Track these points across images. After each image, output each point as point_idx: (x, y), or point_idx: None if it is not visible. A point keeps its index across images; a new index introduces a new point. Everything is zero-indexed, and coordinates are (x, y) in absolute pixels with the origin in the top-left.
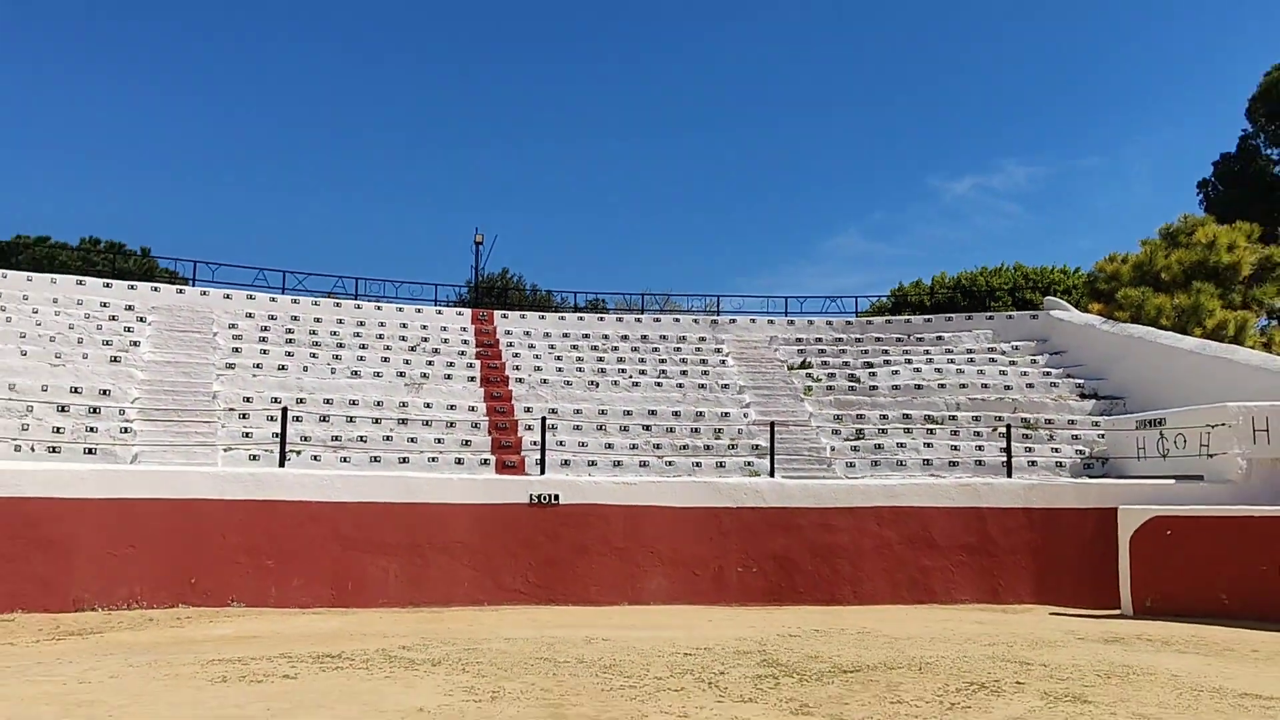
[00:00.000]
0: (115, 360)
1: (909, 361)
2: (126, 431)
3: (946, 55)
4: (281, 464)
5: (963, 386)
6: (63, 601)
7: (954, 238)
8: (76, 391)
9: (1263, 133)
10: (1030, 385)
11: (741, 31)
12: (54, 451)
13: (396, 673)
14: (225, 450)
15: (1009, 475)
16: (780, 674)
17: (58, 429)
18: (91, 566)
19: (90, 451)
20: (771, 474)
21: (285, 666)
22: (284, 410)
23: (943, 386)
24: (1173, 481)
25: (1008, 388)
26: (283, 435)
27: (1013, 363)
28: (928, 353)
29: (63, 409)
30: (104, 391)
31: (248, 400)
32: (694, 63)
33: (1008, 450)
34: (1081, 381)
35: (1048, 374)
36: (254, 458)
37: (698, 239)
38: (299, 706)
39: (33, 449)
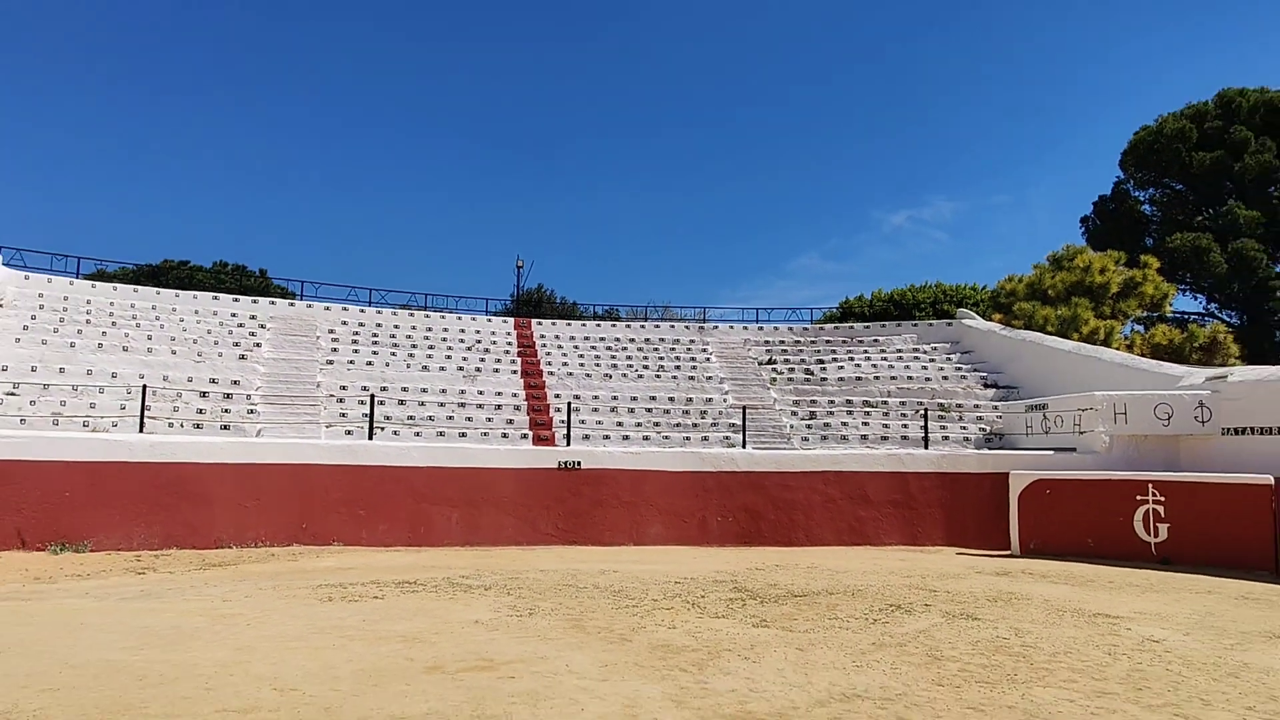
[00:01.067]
0: (243, 358)
1: (851, 359)
2: (252, 412)
3: (888, 113)
4: (370, 437)
5: (893, 378)
6: (206, 541)
7: (892, 259)
8: (214, 382)
9: (1131, 179)
10: (945, 377)
11: (729, 98)
12: (198, 428)
13: (458, 595)
14: (327, 427)
15: (926, 447)
16: (747, 597)
17: (200, 410)
18: (227, 514)
19: (225, 428)
20: (744, 446)
21: (375, 590)
22: (371, 396)
23: (877, 379)
24: (1052, 452)
25: (927, 379)
26: (370, 415)
27: (932, 360)
28: (866, 352)
29: (203, 395)
30: (234, 382)
31: (343, 388)
32: (695, 125)
33: (925, 428)
34: (985, 375)
35: (959, 369)
36: (349, 433)
37: (692, 258)
38: (386, 619)
39: (181, 426)
